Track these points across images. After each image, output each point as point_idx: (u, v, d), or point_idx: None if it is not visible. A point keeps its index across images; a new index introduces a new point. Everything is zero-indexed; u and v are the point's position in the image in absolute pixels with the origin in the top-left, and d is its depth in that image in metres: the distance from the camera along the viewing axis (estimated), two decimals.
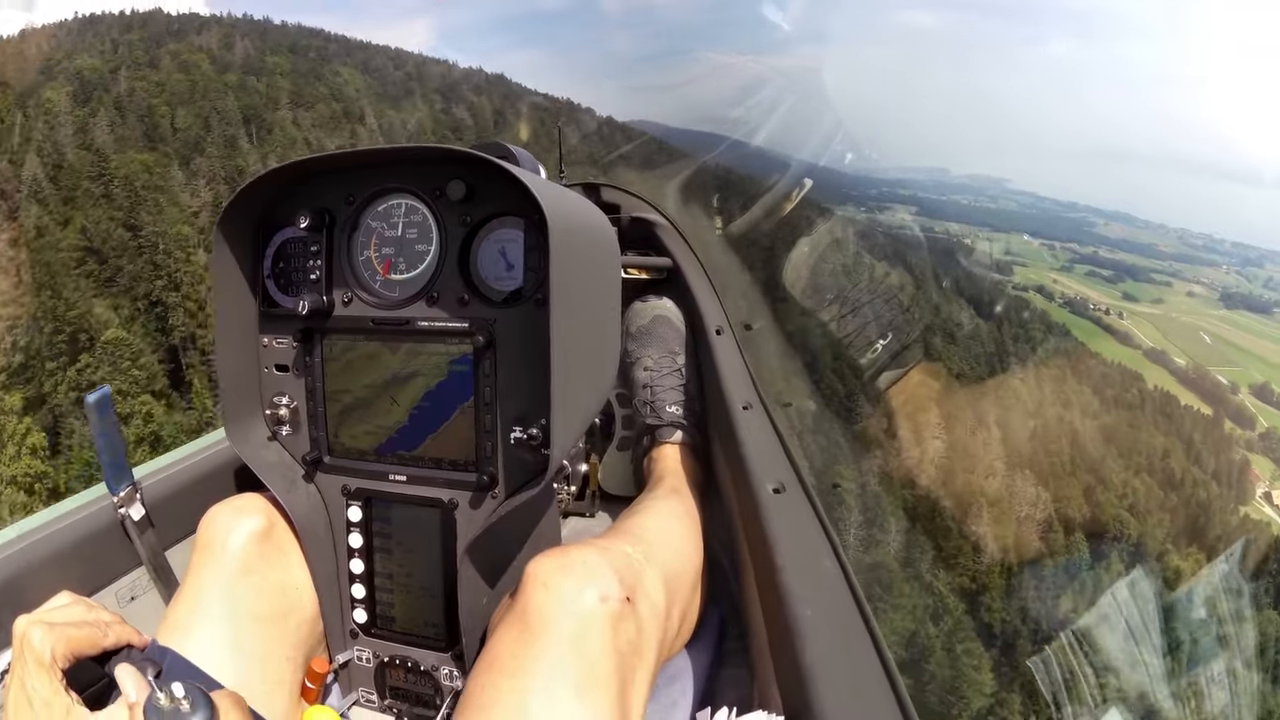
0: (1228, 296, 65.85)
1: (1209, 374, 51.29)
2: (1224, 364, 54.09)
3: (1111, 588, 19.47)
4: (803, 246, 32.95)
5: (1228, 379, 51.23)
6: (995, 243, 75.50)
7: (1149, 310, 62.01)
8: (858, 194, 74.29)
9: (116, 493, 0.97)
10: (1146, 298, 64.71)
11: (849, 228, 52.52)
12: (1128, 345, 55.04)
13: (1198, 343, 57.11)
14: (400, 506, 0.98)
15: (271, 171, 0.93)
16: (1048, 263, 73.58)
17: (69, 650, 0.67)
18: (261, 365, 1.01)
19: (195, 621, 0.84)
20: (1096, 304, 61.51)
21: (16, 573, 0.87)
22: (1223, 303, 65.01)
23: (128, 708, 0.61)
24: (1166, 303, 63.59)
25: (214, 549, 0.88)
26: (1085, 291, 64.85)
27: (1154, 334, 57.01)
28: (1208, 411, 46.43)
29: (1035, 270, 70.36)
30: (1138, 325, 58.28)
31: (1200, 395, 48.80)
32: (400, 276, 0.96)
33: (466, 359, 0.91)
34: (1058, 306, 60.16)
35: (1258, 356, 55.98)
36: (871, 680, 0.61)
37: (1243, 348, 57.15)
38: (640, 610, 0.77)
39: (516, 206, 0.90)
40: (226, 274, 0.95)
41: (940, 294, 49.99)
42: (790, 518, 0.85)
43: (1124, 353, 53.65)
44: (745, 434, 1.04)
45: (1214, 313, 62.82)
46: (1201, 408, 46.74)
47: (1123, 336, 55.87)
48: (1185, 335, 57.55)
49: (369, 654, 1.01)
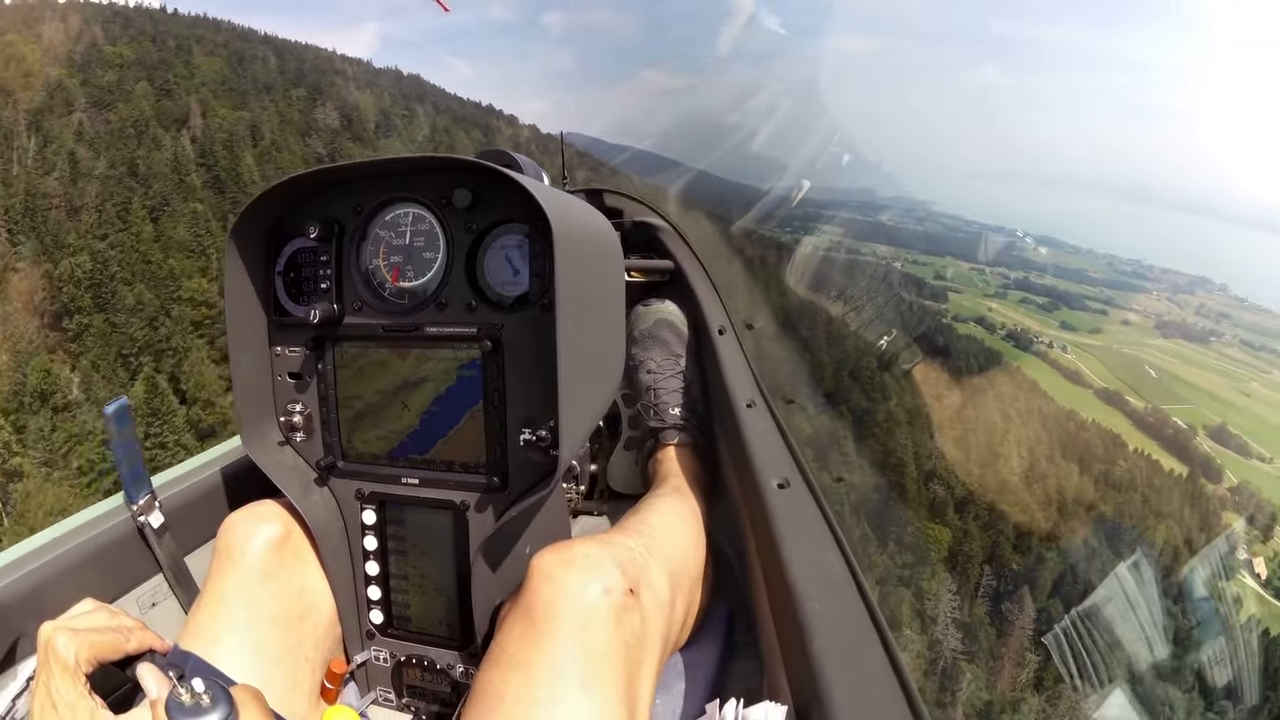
0: (1163, 325, 63.15)
1: (1165, 417, 46.40)
2: (1173, 401, 49.80)
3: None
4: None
5: (1184, 421, 46.50)
6: (926, 267, 71.19)
7: (1089, 341, 57.98)
8: (785, 214, 67.82)
9: (135, 501, 0.99)
10: (1084, 327, 60.97)
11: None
12: (1079, 385, 49.85)
13: (1144, 378, 52.88)
14: (413, 509, 0.98)
15: (282, 183, 0.94)
16: (979, 288, 69.46)
17: (93, 656, 0.68)
18: (275, 373, 1.02)
19: (216, 626, 0.84)
20: (1038, 335, 56.88)
21: (40, 581, 0.88)
22: (1158, 331, 62.19)
23: (150, 705, 0.62)
24: (1105, 332, 59.89)
25: (233, 555, 0.89)
26: (1023, 321, 60.37)
27: (1101, 370, 52.42)
28: (1174, 467, 40.95)
29: (969, 297, 65.86)
30: (1083, 360, 53.57)
31: (1162, 444, 43.61)
32: (409, 284, 0.97)
33: (475, 363, 0.92)
34: (1001, 340, 54.91)
35: (1204, 391, 52.38)
36: (878, 671, 0.61)
37: (1187, 381, 53.61)
38: (644, 603, 0.76)
39: (521, 213, 0.91)
40: (239, 284, 0.96)
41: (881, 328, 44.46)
42: (795, 512, 0.85)
43: (1075, 394, 48.35)
44: (749, 431, 1.04)
45: (1152, 342, 59.61)
46: (1171, 464, 41.29)
47: (1071, 375, 50.65)
48: (1130, 369, 53.33)
49: (386, 654, 1.02)
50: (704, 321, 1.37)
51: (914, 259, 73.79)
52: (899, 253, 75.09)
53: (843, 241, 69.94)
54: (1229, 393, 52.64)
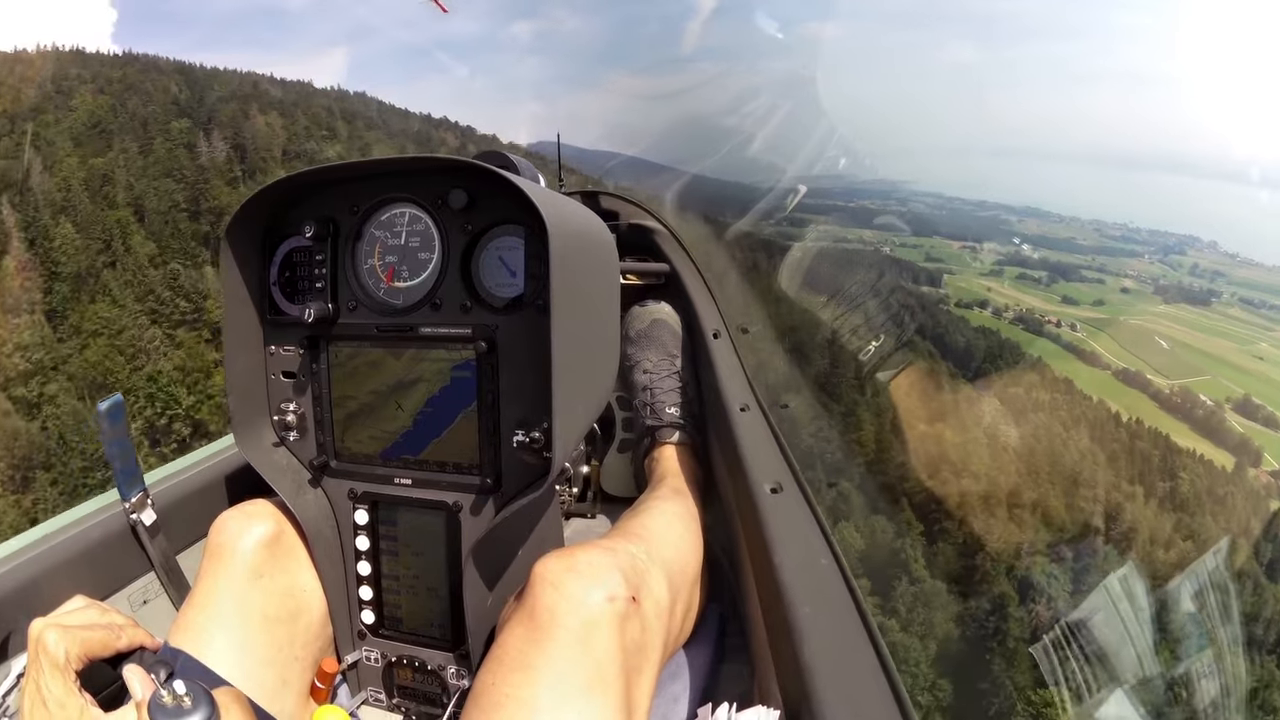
0: (1162, 289, 61.71)
1: (1194, 397, 44.65)
2: (1191, 374, 48.21)
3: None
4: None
5: (1209, 398, 44.82)
6: (916, 250, 68.84)
7: (1094, 314, 56.22)
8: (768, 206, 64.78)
9: (128, 498, 0.99)
10: (1085, 300, 59.16)
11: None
12: (1096, 367, 47.88)
13: (1157, 351, 51.24)
14: (406, 509, 0.99)
15: (277, 183, 0.93)
16: (973, 268, 67.32)
17: (83, 653, 0.69)
18: (268, 372, 1.02)
19: (207, 625, 0.84)
20: (1044, 315, 54.89)
21: (31, 578, 0.88)
22: (1159, 296, 60.75)
23: (134, 706, 0.63)
24: (1108, 304, 58.15)
25: (225, 554, 0.89)
26: (1025, 299, 58.34)
27: (1113, 346, 50.59)
28: (1216, 457, 39.10)
29: (965, 278, 63.67)
30: (1095, 338, 51.67)
31: (1195, 426, 41.81)
32: (404, 284, 0.97)
33: (469, 364, 0.92)
34: (1009, 324, 52.75)
35: (1217, 359, 50.93)
36: (868, 675, 0.61)
37: (1199, 349, 52.15)
38: (645, 609, 0.77)
39: (517, 215, 0.91)
40: (234, 283, 0.96)
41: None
42: (788, 517, 0.85)
43: (1096, 379, 46.38)
44: (743, 435, 1.05)
45: (1156, 310, 58.10)
46: (1209, 450, 39.44)
47: (1089, 357, 48.64)
48: (1142, 343, 51.64)
49: (377, 654, 1.02)
50: (699, 325, 1.36)
51: (901, 242, 71.40)
52: (885, 236, 72.62)
53: (831, 231, 67.20)
54: (1240, 357, 51.33)
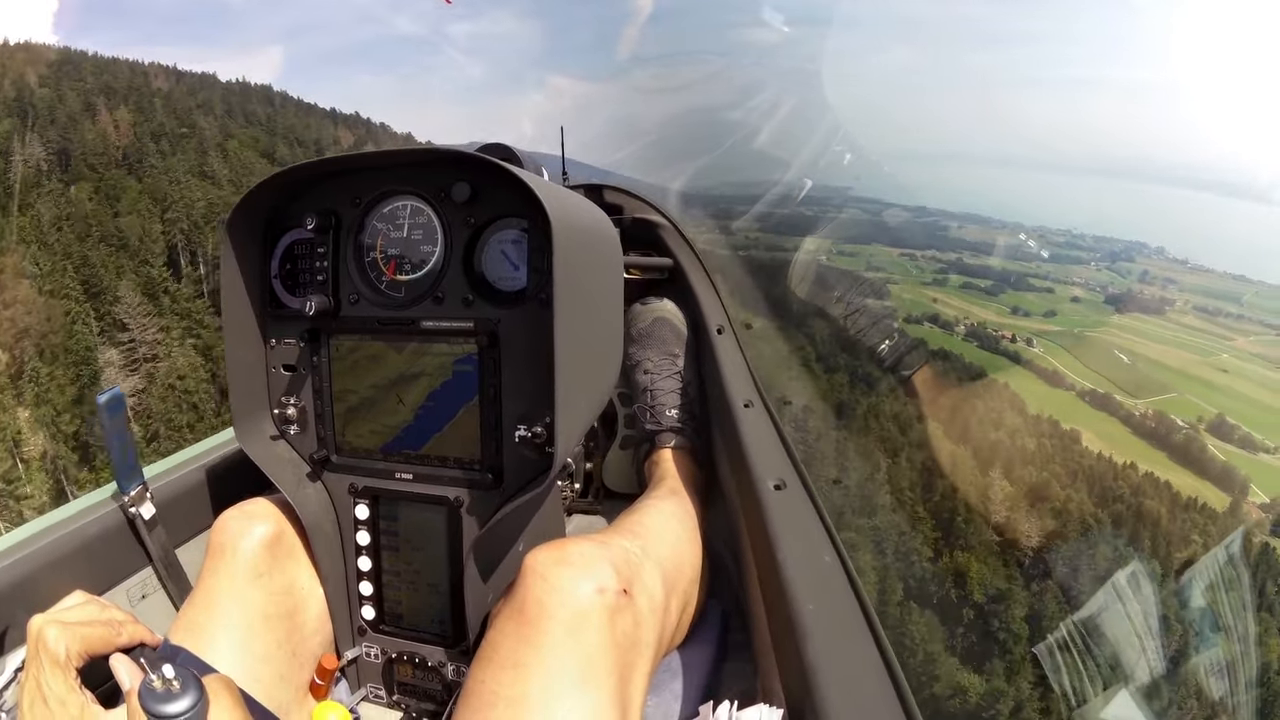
0: (1113, 299, 57.64)
1: (1166, 418, 39.37)
2: (1158, 391, 43.29)
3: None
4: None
5: (1183, 420, 39.65)
6: (856, 257, 63.30)
7: (1048, 326, 51.27)
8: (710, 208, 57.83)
9: (127, 492, 0.98)
10: (1036, 310, 54.40)
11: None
12: (1060, 388, 42.28)
13: (1118, 365, 46.32)
14: (406, 504, 0.98)
15: (279, 174, 0.93)
16: (914, 276, 62.10)
17: (83, 649, 0.68)
18: (269, 365, 1.01)
19: (207, 624, 0.84)
20: (997, 329, 49.49)
21: (29, 573, 0.87)
22: (1110, 305, 56.61)
23: (126, 695, 0.62)
24: (1060, 314, 53.43)
25: (225, 553, 0.89)
26: (974, 311, 53.02)
27: (1071, 362, 45.37)
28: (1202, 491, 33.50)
29: (909, 288, 58.25)
30: (1053, 354, 46.36)
31: (1173, 455, 36.35)
32: (405, 277, 0.96)
33: (471, 358, 0.92)
34: (962, 340, 46.97)
35: (1179, 372, 46.43)
36: (872, 673, 0.61)
37: (1161, 362, 47.65)
38: (638, 603, 0.76)
39: (520, 208, 0.90)
40: (234, 275, 0.96)
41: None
42: (791, 514, 0.84)
43: (1057, 400, 40.71)
44: (747, 431, 1.04)
45: (1109, 321, 53.72)
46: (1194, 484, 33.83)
47: (1052, 377, 43.03)
48: (1102, 358, 46.67)
49: (377, 650, 1.02)
50: (703, 320, 1.36)
51: (840, 249, 65.81)
52: (822, 244, 66.83)
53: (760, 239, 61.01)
54: (1203, 369, 47.03)
